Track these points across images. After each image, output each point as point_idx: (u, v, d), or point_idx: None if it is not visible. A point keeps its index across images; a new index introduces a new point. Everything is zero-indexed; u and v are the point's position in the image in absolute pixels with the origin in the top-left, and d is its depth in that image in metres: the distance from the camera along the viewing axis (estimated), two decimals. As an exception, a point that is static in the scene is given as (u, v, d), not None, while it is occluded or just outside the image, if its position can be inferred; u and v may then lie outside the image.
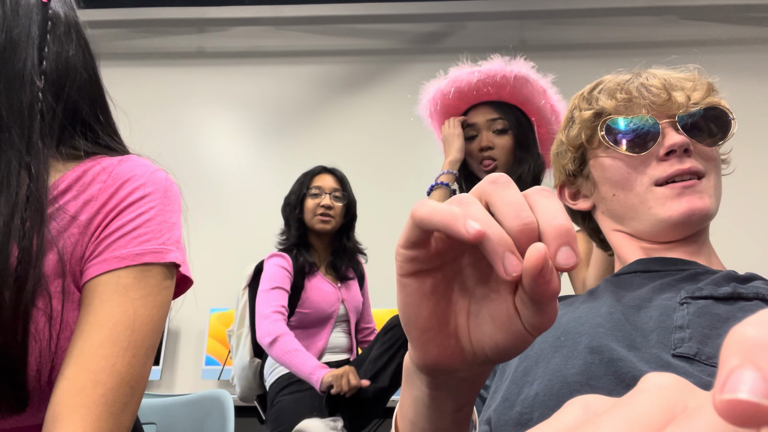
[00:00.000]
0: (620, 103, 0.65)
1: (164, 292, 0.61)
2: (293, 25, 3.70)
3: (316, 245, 1.94)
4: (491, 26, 3.67)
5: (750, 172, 3.20)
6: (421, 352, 0.35)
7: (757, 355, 0.13)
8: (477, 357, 0.34)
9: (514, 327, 0.32)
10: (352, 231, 1.98)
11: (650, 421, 0.16)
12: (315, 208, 1.87)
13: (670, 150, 0.62)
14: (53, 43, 0.63)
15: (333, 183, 1.93)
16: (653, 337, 0.52)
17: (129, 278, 0.59)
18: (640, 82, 0.66)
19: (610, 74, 0.71)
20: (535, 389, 0.52)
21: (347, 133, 3.44)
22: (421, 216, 0.30)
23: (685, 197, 0.62)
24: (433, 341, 0.34)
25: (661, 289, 0.58)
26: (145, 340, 0.58)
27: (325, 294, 1.86)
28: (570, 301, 0.66)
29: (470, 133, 1.47)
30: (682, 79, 0.66)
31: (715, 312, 0.52)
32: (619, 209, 0.67)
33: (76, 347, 0.56)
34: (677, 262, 0.62)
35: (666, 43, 3.50)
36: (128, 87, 3.65)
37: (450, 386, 0.37)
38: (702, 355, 0.49)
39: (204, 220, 3.32)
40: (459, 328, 0.34)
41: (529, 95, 1.45)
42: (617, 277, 0.65)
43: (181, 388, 3.04)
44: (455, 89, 1.45)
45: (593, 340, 0.53)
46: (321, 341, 1.82)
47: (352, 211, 1.95)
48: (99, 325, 0.56)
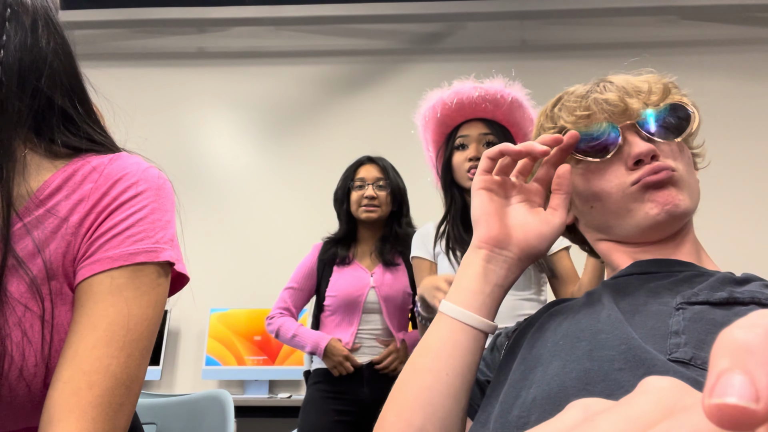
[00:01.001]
0: (580, 120, 0.66)
1: (159, 291, 0.61)
2: (293, 25, 3.70)
3: (365, 236, 1.96)
4: (491, 26, 3.67)
5: (749, 171, 3.20)
6: (485, 229, 0.60)
7: (746, 359, 0.14)
8: (521, 241, 0.61)
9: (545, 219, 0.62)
10: (404, 217, 1.97)
11: (648, 419, 0.16)
12: (360, 199, 1.90)
13: (638, 159, 0.62)
14: (15, 32, 0.60)
15: (376, 172, 1.95)
16: (649, 343, 0.52)
17: (123, 278, 0.58)
18: (594, 96, 0.66)
19: (574, 85, 0.72)
20: (533, 393, 0.52)
21: (347, 133, 3.44)
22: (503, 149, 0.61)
23: (657, 192, 0.62)
24: (495, 223, 0.61)
25: (658, 293, 0.58)
26: (140, 340, 0.57)
27: (352, 280, 1.88)
28: (569, 305, 0.66)
29: (461, 142, 1.54)
30: (638, 84, 0.66)
31: (711, 317, 0.51)
32: (600, 219, 0.67)
33: (70, 349, 0.55)
34: (674, 264, 0.62)
35: (666, 43, 3.50)
36: (128, 87, 3.65)
37: (497, 262, 0.60)
38: (697, 360, 0.48)
39: (204, 221, 3.32)
40: (511, 223, 0.62)
41: (520, 120, 1.55)
42: (615, 279, 0.65)
43: (181, 388, 3.04)
44: (457, 100, 1.53)
45: (593, 346, 0.53)
46: (352, 326, 1.85)
47: (399, 197, 1.95)
48: (93, 326, 0.56)
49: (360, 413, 1.76)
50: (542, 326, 0.62)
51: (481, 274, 0.60)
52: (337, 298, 1.87)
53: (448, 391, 0.56)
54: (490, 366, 0.70)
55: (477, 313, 0.58)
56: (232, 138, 3.58)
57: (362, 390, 1.79)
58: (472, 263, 0.61)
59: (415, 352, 0.60)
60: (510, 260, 0.60)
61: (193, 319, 3.11)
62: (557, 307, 0.67)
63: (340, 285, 1.87)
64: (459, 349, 0.57)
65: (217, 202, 3.36)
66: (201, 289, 3.10)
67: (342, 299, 1.86)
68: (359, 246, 1.96)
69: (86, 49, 3.78)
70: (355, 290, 1.86)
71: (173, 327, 3.12)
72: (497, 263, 0.60)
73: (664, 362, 0.48)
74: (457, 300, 0.60)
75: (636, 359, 0.49)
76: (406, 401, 0.56)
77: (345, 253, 1.92)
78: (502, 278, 0.60)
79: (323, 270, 1.93)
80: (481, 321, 0.58)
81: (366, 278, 1.89)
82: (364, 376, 1.80)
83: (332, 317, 1.88)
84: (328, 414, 1.74)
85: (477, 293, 0.59)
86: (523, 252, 0.61)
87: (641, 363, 0.49)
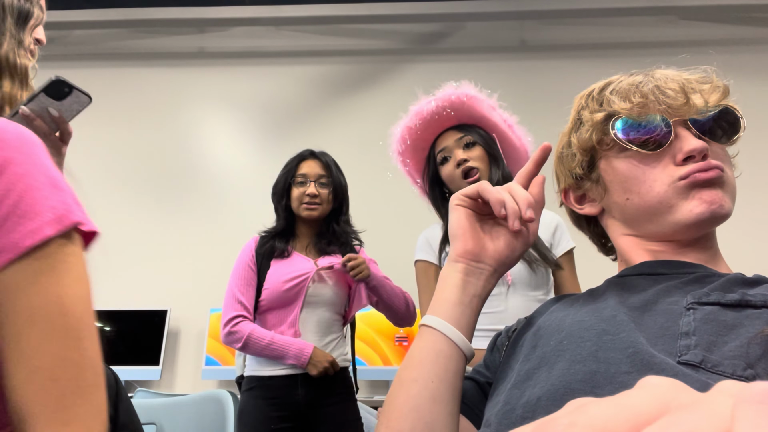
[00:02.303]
0: (635, 106, 0.64)
1: (76, 261, 0.54)
2: (293, 25, 3.70)
3: (303, 232, 1.89)
4: (491, 26, 3.67)
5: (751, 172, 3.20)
6: (462, 243, 0.64)
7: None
8: (494, 252, 0.65)
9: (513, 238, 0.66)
10: (343, 215, 1.90)
11: (640, 410, 0.16)
12: (301, 196, 1.84)
13: (689, 156, 0.61)
14: None
15: (319, 169, 1.87)
16: (659, 343, 0.51)
17: (32, 264, 0.51)
18: (655, 85, 0.64)
19: (619, 74, 0.70)
20: (537, 393, 0.52)
21: (347, 132, 3.44)
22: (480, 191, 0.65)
23: (706, 190, 0.61)
24: (470, 238, 0.64)
25: (667, 292, 0.57)
26: (82, 319, 0.53)
27: (294, 267, 1.78)
28: (570, 301, 0.65)
29: (442, 156, 1.57)
30: (698, 81, 0.65)
31: (722, 319, 0.51)
32: (634, 213, 0.65)
33: (13, 351, 0.50)
34: (684, 265, 0.61)
35: (666, 43, 3.50)
36: (128, 87, 3.65)
37: (474, 274, 0.64)
38: (708, 363, 0.48)
39: (204, 220, 3.32)
40: (485, 239, 0.65)
41: (487, 112, 1.57)
42: (621, 278, 0.64)
43: (181, 388, 3.03)
44: (420, 121, 1.57)
45: (598, 347, 0.53)
46: (289, 315, 1.75)
47: (340, 195, 1.88)
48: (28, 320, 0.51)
49: (297, 418, 1.68)
50: (544, 325, 0.62)
51: (460, 286, 0.63)
52: (274, 291, 1.75)
53: (434, 397, 0.57)
54: (490, 367, 0.70)
55: (457, 321, 0.62)
56: (231, 138, 3.58)
57: (297, 393, 1.68)
58: (451, 276, 0.64)
59: (401, 367, 0.61)
60: (486, 272, 0.64)
61: (192, 319, 3.11)
62: (558, 305, 0.66)
63: (281, 275, 1.77)
64: (442, 357, 0.59)
65: (216, 201, 3.36)
66: (201, 289, 3.10)
67: (279, 290, 1.75)
68: (297, 240, 1.89)
69: (86, 49, 3.79)
70: (296, 277, 1.75)
71: (173, 327, 3.12)
72: (474, 275, 0.64)
73: (672, 366, 0.48)
74: (437, 312, 0.63)
75: (644, 363, 0.49)
76: (394, 411, 0.58)
77: (283, 246, 1.83)
78: (480, 288, 0.64)
79: (261, 263, 1.82)
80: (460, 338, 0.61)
81: (309, 264, 1.80)
82: (298, 380, 1.69)
83: (269, 313, 1.77)
84: (265, 422, 1.66)
85: (456, 304, 0.63)
86: (497, 262, 0.65)
87: (649, 367, 0.48)
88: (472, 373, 0.71)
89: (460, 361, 0.60)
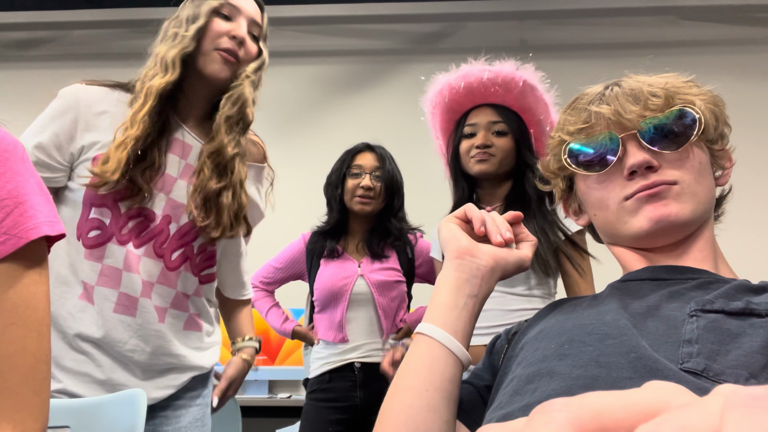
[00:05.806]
0: (583, 129, 0.66)
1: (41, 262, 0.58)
2: (293, 25, 3.69)
3: (355, 228, 1.86)
4: (491, 26, 3.67)
5: (751, 173, 3.20)
6: (455, 244, 0.63)
7: None
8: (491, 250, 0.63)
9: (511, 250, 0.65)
10: (398, 211, 1.85)
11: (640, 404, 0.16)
12: (355, 188, 1.79)
13: (632, 170, 0.62)
14: None
15: (374, 161, 1.83)
16: (660, 349, 0.51)
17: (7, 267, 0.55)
18: (593, 110, 0.65)
19: (599, 83, 0.70)
20: (538, 398, 0.52)
21: (347, 133, 3.43)
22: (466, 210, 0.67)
23: (650, 205, 0.61)
24: (463, 237, 0.64)
25: (670, 298, 0.57)
26: (45, 316, 0.57)
27: (337, 270, 1.78)
28: (573, 305, 0.65)
29: (471, 130, 1.46)
30: (660, 86, 0.64)
31: (726, 327, 0.50)
32: (603, 227, 0.68)
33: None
34: (687, 271, 0.61)
35: (666, 43, 3.50)
36: (128, 87, 3.65)
37: (469, 270, 0.62)
38: (710, 372, 0.47)
39: (204, 220, 3.32)
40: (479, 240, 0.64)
41: (533, 104, 1.46)
42: (624, 283, 0.64)
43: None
44: (465, 84, 1.45)
45: (600, 352, 0.52)
46: (336, 317, 1.75)
47: (392, 190, 1.81)
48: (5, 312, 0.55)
49: (354, 420, 1.70)
50: (546, 328, 0.62)
51: (454, 288, 0.62)
52: (322, 291, 1.77)
53: (429, 406, 0.57)
54: (489, 370, 0.70)
55: (452, 326, 0.60)
56: (232, 138, 3.58)
57: (355, 395, 1.72)
58: (445, 277, 0.63)
59: (397, 375, 0.61)
60: (483, 269, 0.62)
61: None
62: (560, 308, 0.66)
63: (325, 277, 1.78)
64: (438, 364, 0.59)
65: (217, 202, 3.36)
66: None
67: (327, 291, 1.76)
68: (349, 238, 1.86)
69: (86, 49, 3.79)
70: (340, 280, 1.75)
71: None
72: (469, 271, 0.62)
73: (675, 372, 0.48)
74: (432, 318, 0.61)
75: (646, 368, 0.49)
76: (390, 421, 0.58)
77: (334, 245, 1.81)
78: (476, 288, 0.62)
79: (311, 262, 1.83)
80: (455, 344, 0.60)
81: (353, 267, 1.78)
82: (357, 380, 1.72)
83: (322, 314, 1.80)
84: (324, 425, 1.70)
85: (451, 308, 0.61)
86: (494, 260, 0.63)
87: (652, 372, 0.48)
88: (470, 377, 0.70)
89: (455, 368, 0.59)
